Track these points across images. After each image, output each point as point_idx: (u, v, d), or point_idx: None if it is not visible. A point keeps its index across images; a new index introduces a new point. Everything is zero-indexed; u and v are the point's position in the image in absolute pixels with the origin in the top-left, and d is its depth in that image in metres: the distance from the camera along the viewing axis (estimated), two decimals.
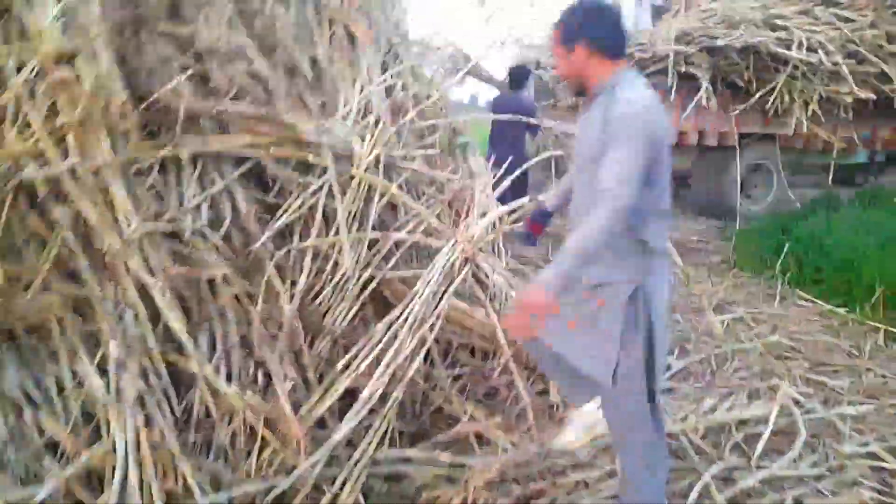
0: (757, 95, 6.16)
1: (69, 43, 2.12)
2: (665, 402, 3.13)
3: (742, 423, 2.81)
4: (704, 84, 5.96)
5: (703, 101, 6.01)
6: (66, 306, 2.03)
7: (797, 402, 3.05)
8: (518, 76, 6.13)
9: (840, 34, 5.90)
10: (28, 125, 2.02)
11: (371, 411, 2.33)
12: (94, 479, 1.89)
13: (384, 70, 4.03)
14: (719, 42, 5.75)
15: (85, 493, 1.84)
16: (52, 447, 1.91)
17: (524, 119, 5.20)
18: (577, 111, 7.69)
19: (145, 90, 2.47)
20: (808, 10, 6.07)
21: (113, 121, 2.12)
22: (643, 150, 1.62)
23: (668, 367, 3.44)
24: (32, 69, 2.02)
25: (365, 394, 2.28)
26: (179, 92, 2.43)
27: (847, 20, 6.04)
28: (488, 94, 8.34)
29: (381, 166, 3.06)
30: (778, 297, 4.83)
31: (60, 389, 1.99)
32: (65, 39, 2.11)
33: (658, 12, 7.41)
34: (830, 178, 7.21)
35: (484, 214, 3.41)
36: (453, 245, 2.90)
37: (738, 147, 6.70)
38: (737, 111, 6.43)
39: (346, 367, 2.43)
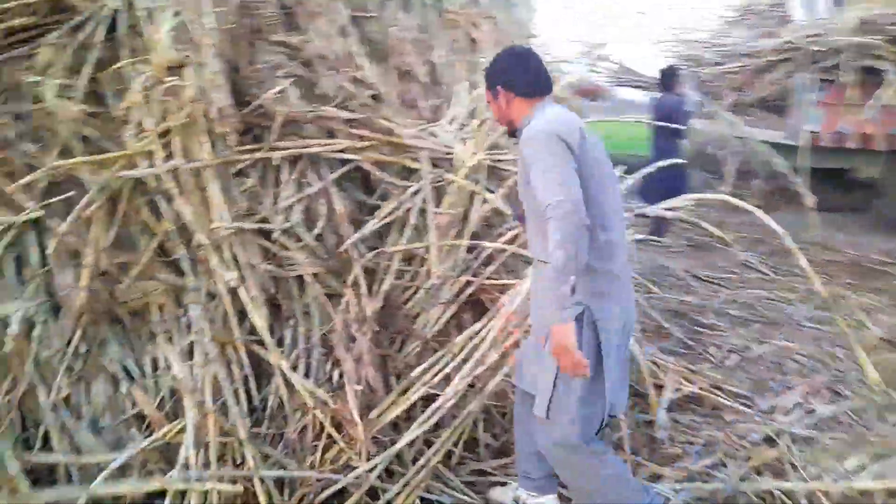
0: None
1: (180, 53, 2.30)
2: (796, 453, 2.68)
3: (892, 494, 2.28)
4: (892, 79, 5.07)
5: (886, 100, 5.12)
6: (166, 293, 2.21)
7: None
8: (666, 78, 6.02)
9: None
10: (143, 129, 2.22)
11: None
12: (173, 454, 2.02)
13: None
14: None
15: (161, 465, 1.98)
16: (141, 419, 2.09)
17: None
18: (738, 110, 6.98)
19: (254, 96, 2.63)
20: None
21: (214, 125, 2.25)
22: (562, 153, 1.62)
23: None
24: (148, 78, 2.21)
25: (436, 403, 2.20)
26: (282, 98, 2.55)
27: None
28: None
29: (483, 171, 2.97)
30: None
31: (155, 368, 2.16)
32: (175, 50, 2.28)
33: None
34: None
35: None
36: None
37: None
38: None
39: (424, 373, 2.38)
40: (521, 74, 1.84)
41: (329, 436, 2.10)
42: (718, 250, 5.96)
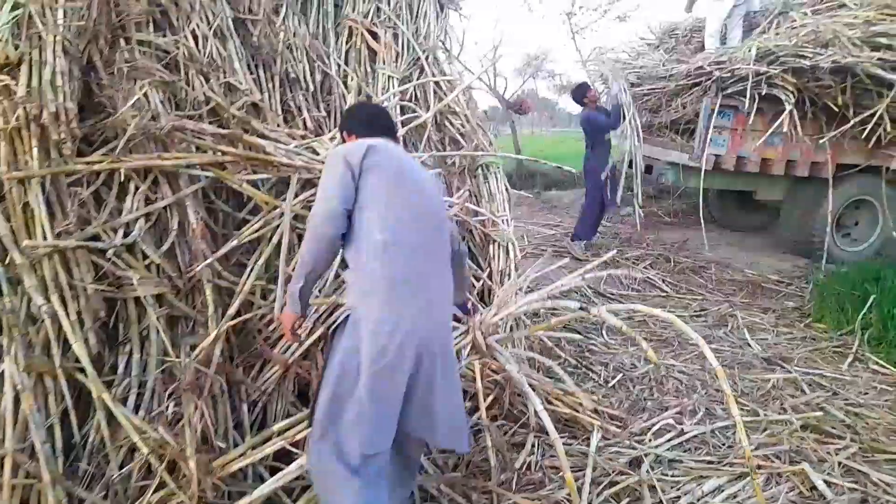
0: (851, 122, 5.38)
1: (17, 49, 2.11)
2: (662, 474, 2.72)
3: None
4: (787, 108, 5.29)
5: (785, 127, 5.34)
6: None
7: (823, 497, 2.53)
8: (576, 94, 6.59)
9: None
10: None
11: None
12: None
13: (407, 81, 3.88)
14: (805, 62, 5.07)
15: None
16: None
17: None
18: (651, 130, 7.17)
19: (110, 101, 2.46)
20: None
21: (48, 131, 2.08)
22: (336, 170, 1.80)
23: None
24: None
25: (293, 466, 2.07)
26: (139, 104, 2.39)
27: None
28: None
29: None
30: (850, 359, 4.14)
31: None
32: (13, 46, 2.10)
33: (751, 28, 6.73)
34: None
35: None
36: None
37: (830, 179, 5.90)
38: (822, 139, 5.68)
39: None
40: (361, 122, 2.13)
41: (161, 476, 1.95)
42: (623, 265, 6.08)
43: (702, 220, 6.23)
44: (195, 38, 2.85)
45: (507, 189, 3.95)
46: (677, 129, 6.71)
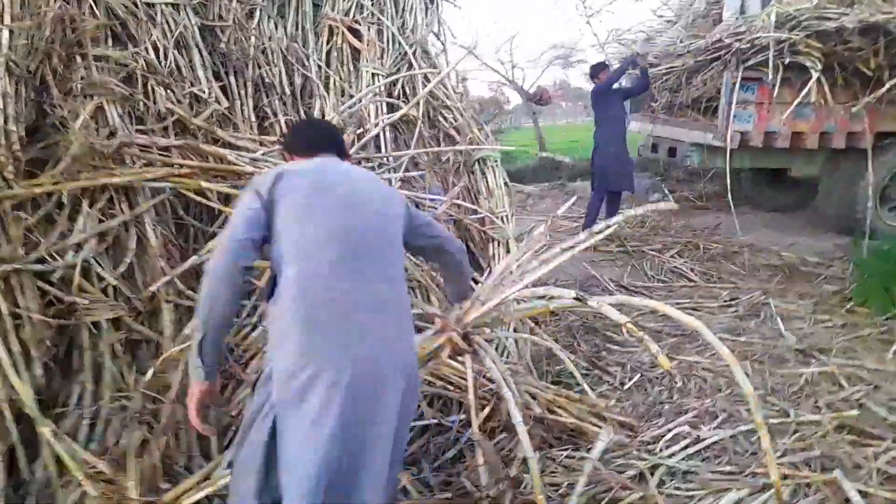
0: (887, 86, 4.95)
1: None
2: (675, 488, 2.47)
3: None
4: (815, 76, 4.91)
5: (813, 97, 4.96)
6: None
7: None
8: (594, 71, 6.42)
9: None
10: None
11: None
12: None
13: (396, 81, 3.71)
14: (830, 24, 4.68)
15: None
16: None
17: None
18: (672, 111, 6.84)
19: (61, 121, 2.37)
20: None
21: None
22: (244, 202, 1.64)
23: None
24: None
25: None
26: (86, 124, 2.30)
27: None
28: None
29: None
30: (895, 347, 3.77)
31: None
32: None
33: None
34: None
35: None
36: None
37: (869, 149, 5.47)
38: (855, 107, 5.26)
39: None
40: (297, 140, 1.99)
41: None
42: (648, 256, 5.78)
43: (730, 203, 5.85)
44: (156, 49, 2.75)
45: (506, 183, 3.74)
46: (699, 107, 6.35)
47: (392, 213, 1.83)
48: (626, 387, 3.40)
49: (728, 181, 5.75)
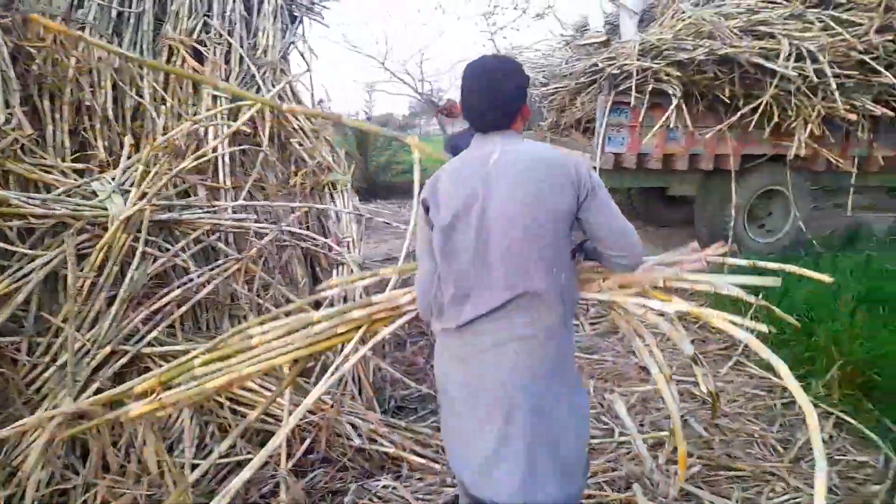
0: (738, 113, 5.26)
1: None
2: None
3: None
4: (674, 102, 5.16)
5: (672, 122, 5.20)
6: None
7: None
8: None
9: (836, 41, 4.90)
10: None
11: None
12: None
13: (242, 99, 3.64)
14: (685, 55, 4.93)
15: None
16: None
17: None
18: (558, 130, 7.03)
19: None
20: (799, 14, 5.09)
21: None
22: None
23: None
24: None
25: None
26: None
27: (850, 24, 5.02)
28: None
29: (144, 224, 2.65)
30: (731, 362, 3.99)
31: None
32: None
33: (650, 20, 6.62)
34: (850, 205, 6.12)
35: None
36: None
37: (733, 171, 5.80)
38: (707, 132, 5.57)
39: None
40: None
41: None
42: None
43: None
44: None
45: (355, 207, 3.73)
46: (582, 128, 6.56)
47: None
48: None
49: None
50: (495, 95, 1.60)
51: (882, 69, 5.02)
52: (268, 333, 1.79)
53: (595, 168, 5.83)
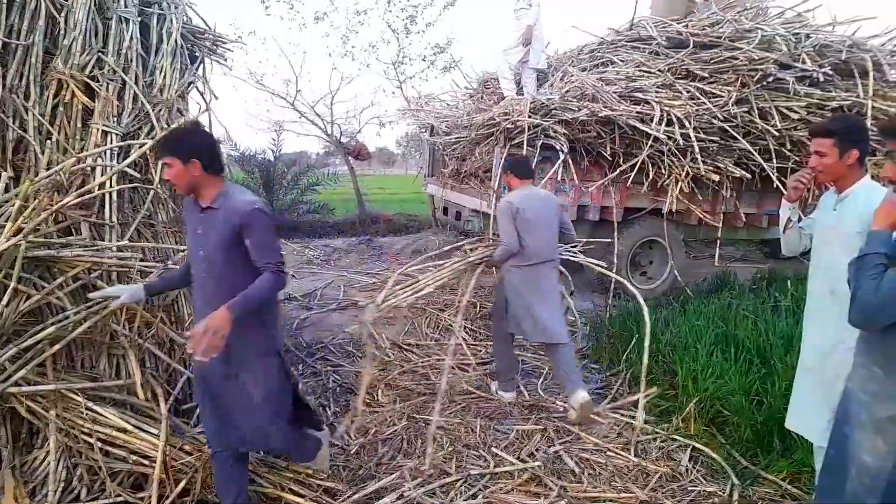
0: (618, 170, 5.77)
1: None
2: None
3: None
4: (561, 156, 5.59)
5: (558, 175, 5.63)
6: None
7: None
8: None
9: (701, 110, 5.56)
10: None
11: None
12: None
13: (135, 136, 3.63)
14: (568, 115, 5.40)
15: None
16: None
17: None
18: (459, 178, 7.36)
19: None
20: (670, 84, 5.74)
21: None
22: None
23: None
24: None
25: None
26: None
27: (712, 95, 5.71)
28: None
29: (18, 259, 2.59)
30: (607, 400, 4.28)
31: None
32: None
33: (544, 81, 7.15)
34: (717, 255, 6.78)
35: None
36: None
37: (615, 223, 6.30)
38: (593, 186, 6.07)
39: None
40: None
41: None
42: (428, 314, 6.07)
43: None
44: None
45: None
46: (480, 177, 6.91)
47: None
48: (352, 450, 3.48)
49: None
50: None
51: (739, 137, 5.70)
52: None
53: (490, 216, 6.17)
